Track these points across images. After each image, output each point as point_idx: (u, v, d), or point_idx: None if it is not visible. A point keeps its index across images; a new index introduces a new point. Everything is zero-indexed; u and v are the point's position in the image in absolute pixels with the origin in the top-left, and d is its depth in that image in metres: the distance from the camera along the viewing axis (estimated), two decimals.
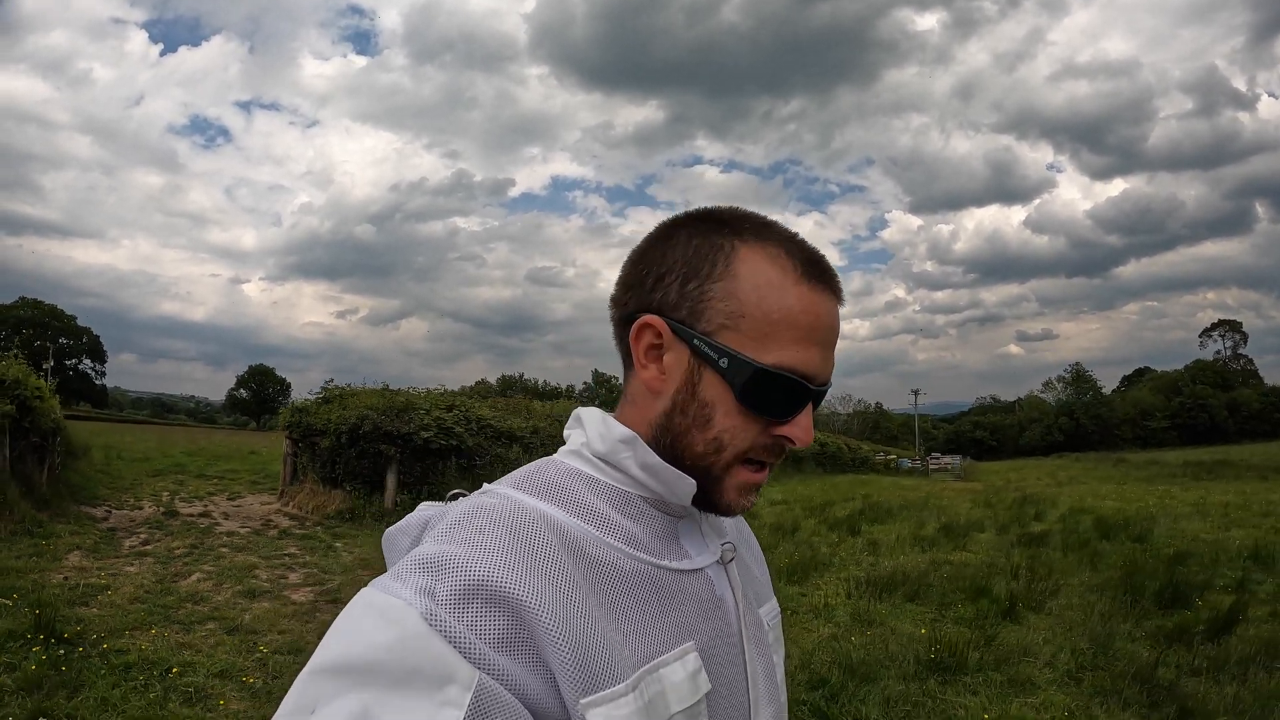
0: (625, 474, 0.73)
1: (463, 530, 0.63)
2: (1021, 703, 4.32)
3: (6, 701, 3.72)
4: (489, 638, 0.57)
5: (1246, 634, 5.24)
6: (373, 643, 0.54)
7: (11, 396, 8.89)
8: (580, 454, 0.75)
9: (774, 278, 0.69)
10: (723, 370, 0.68)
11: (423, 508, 0.73)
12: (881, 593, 6.80)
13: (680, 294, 0.71)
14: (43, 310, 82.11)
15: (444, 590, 0.58)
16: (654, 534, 0.73)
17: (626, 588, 0.67)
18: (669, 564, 0.72)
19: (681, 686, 0.66)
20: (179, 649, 4.79)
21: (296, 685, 0.55)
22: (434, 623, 0.56)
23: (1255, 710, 3.96)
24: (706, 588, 0.74)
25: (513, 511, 0.65)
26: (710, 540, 0.79)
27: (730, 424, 0.70)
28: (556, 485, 0.71)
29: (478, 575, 0.59)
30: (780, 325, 0.69)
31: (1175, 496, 16.55)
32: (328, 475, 11.99)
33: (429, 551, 0.61)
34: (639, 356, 0.73)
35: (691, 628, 0.70)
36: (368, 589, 0.59)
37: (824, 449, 33.95)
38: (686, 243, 0.72)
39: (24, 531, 8.06)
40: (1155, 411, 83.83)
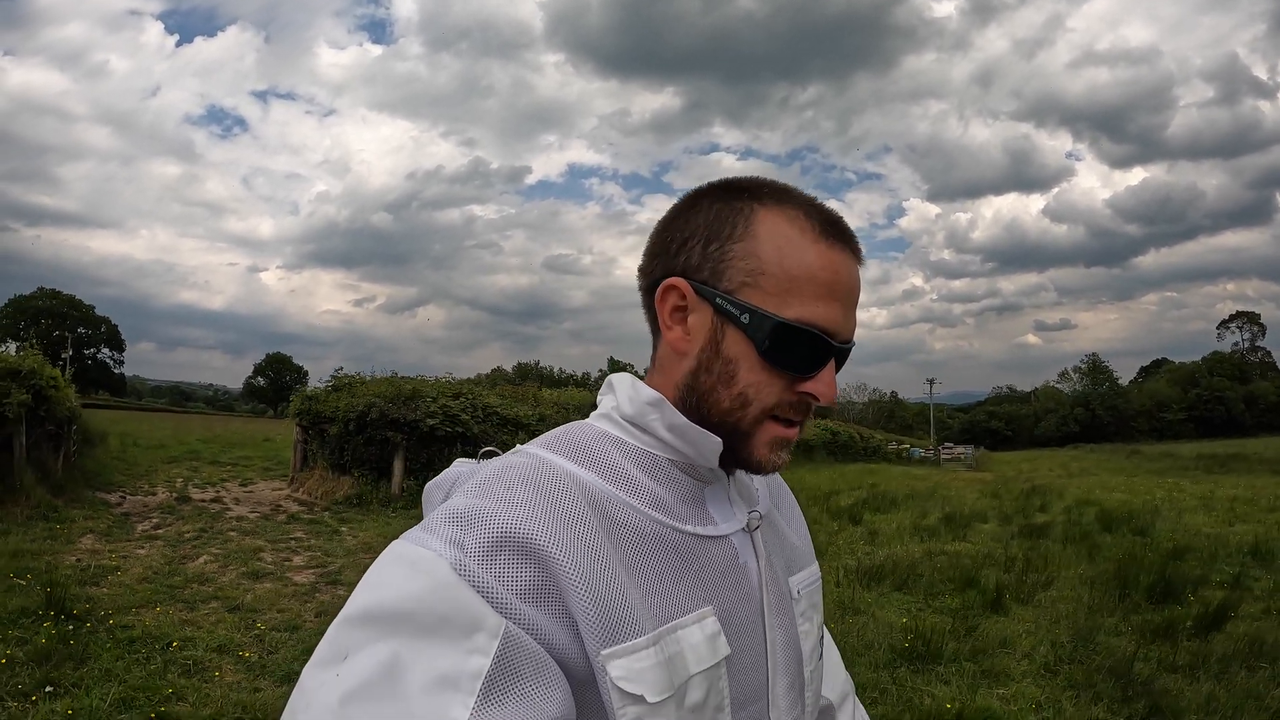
0: (653, 436, 0.75)
1: (492, 486, 0.65)
2: (991, 693, 4.34)
3: (17, 672, 3.91)
4: (516, 588, 0.59)
5: (1236, 631, 5.22)
6: (403, 592, 0.57)
7: (27, 386, 9.10)
8: (610, 417, 0.77)
9: (793, 236, 0.72)
10: (744, 326, 0.70)
11: (457, 464, 0.76)
12: (870, 581, 6.84)
13: (703, 255, 0.73)
14: (61, 300, 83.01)
15: (472, 541, 0.60)
16: (680, 498, 0.74)
17: (648, 549, 0.69)
18: (691, 529, 0.73)
19: (700, 648, 0.67)
20: (181, 625, 4.98)
21: (330, 633, 0.57)
22: (463, 572, 0.58)
23: (1228, 709, 3.94)
24: (730, 554, 0.75)
25: (541, 470, 0.68)
26: (738, 507, 0.80)
27: (754, 379, 0.71)
28: (585, 447, 0.73)
29: (505, 527, 0.61)
30: (800, 281, 0.70)
31: (1184, 490, 16.43)
32: (336, 462, 12.21)
33: (459, 505, 0.63)
34: (664, 318, 0.75)
35: (711, 593, 0.71)
36: (399, 541, 0.62)
37: (835, 438, 33.91)
38: (708, 209, 0.75)
39: (39, 516, 8.30)
40: (1171, 403, 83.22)
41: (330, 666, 0.55)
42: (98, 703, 3.62)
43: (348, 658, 0.55)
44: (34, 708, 3.54)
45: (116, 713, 3.57)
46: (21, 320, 77.07)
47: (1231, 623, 5.44)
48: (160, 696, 3.76)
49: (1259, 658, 4.69)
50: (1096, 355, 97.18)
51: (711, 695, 0.67)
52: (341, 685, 0.53)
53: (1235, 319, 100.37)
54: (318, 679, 0.55)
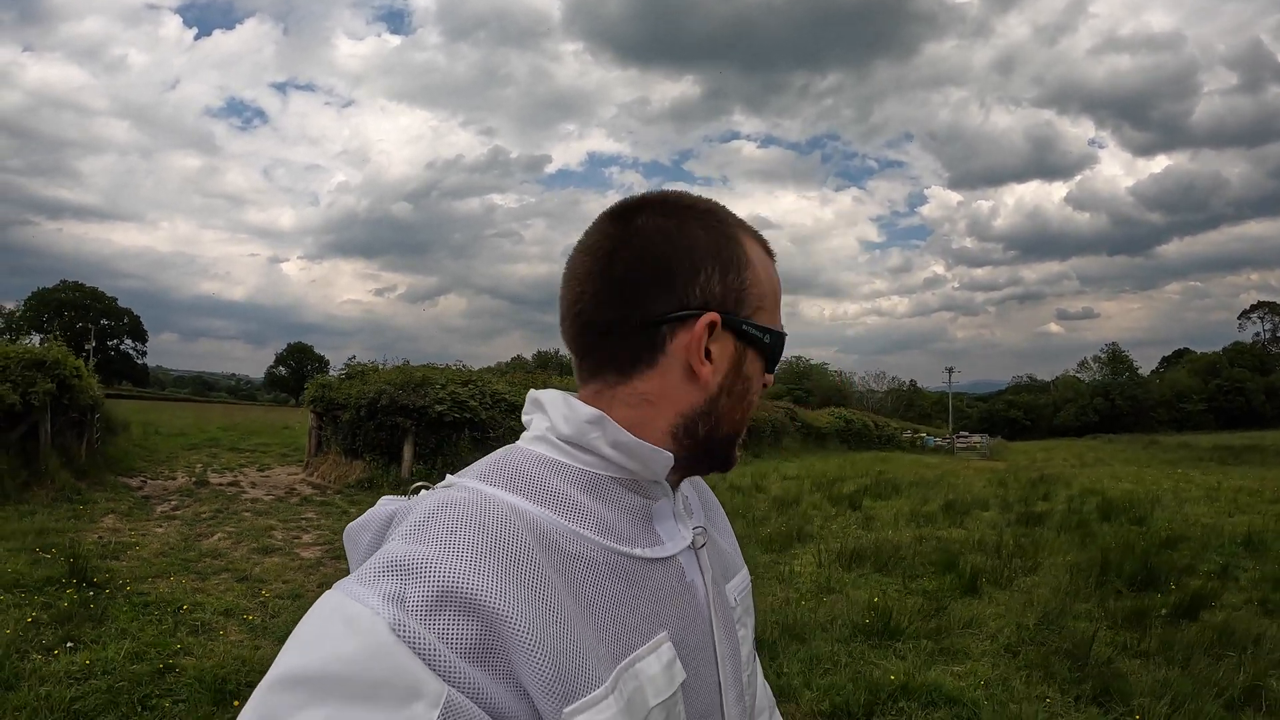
0: (596, 455, 0.71)
1: (431, 529, 0.60)
2: (945, 670, 4.44)
3: (42, 630, 4.37)
4: (460, 647, 0.55)
5: (1213, 620, 5.27)
6: (337, 653, 0.52)
7: (52, 376, 9.54)
8: (545, 439, 0.73)
9: (765, 258, 0.78)
10: (764, 346, 0.76)
11: (384, 501, 0.70)
12: (851, 563, 6.99)
13: (724, 286, 0.73)
14: (84, 292, 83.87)
15: (414, 596, 0.55)
16: (627, 518, 0.71)
17: (600, 581, 0.66)
18: (641, 552, 0.71)
19: (658, 679, 0.66)
20: (192, 593, 5.39)
21: (256, 695, 0.52)
22: (402, 633, 0.53)
23: (1182, 695, 3.98)
24: (678, 575, 0.74)
25: (482, 507, 0.62)
26: (682, 523, 0.78)
27: (756, 388, 0.77)
28: (524, 474, 0.69)
29: (449, 580, 0.56)
30: (776, 297, 0.78)
31: (1192, 480, 16.44)
32: (349, 447, 12.59)
33: (397, 552, 0.58)
34: (699, 354, 0.71)
35: (664, 617, 0.70)
36: (333, 592, 0.57)
37: (849, 426, 33.97)
38: (702, 237, 0.73)
39: (63, 498, 8.76)
40: (1191, 394, 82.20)
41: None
42: (113, 655, 4.01)
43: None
44: (56, 659, 3.95)
45: (129, 664, 3.95)
46: (45, 313, 77.93)
47: (1208, 612, 5.50)
48: (169, 651, 4.16)
49: (1228, 647, 4.73)
50: (1116, 345, 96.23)
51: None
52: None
53: (1257, 309, 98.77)
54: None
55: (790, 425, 27.02)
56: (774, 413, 25.98)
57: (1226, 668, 4.36)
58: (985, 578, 6.47)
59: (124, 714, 3.46)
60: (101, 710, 3.46)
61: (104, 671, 3.83)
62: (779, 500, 11.77)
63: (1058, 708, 3.95)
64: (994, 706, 3.87)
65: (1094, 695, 4.06)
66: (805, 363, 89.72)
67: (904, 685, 4.09)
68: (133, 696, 3.59)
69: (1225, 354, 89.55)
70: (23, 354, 9.48)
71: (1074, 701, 4.02)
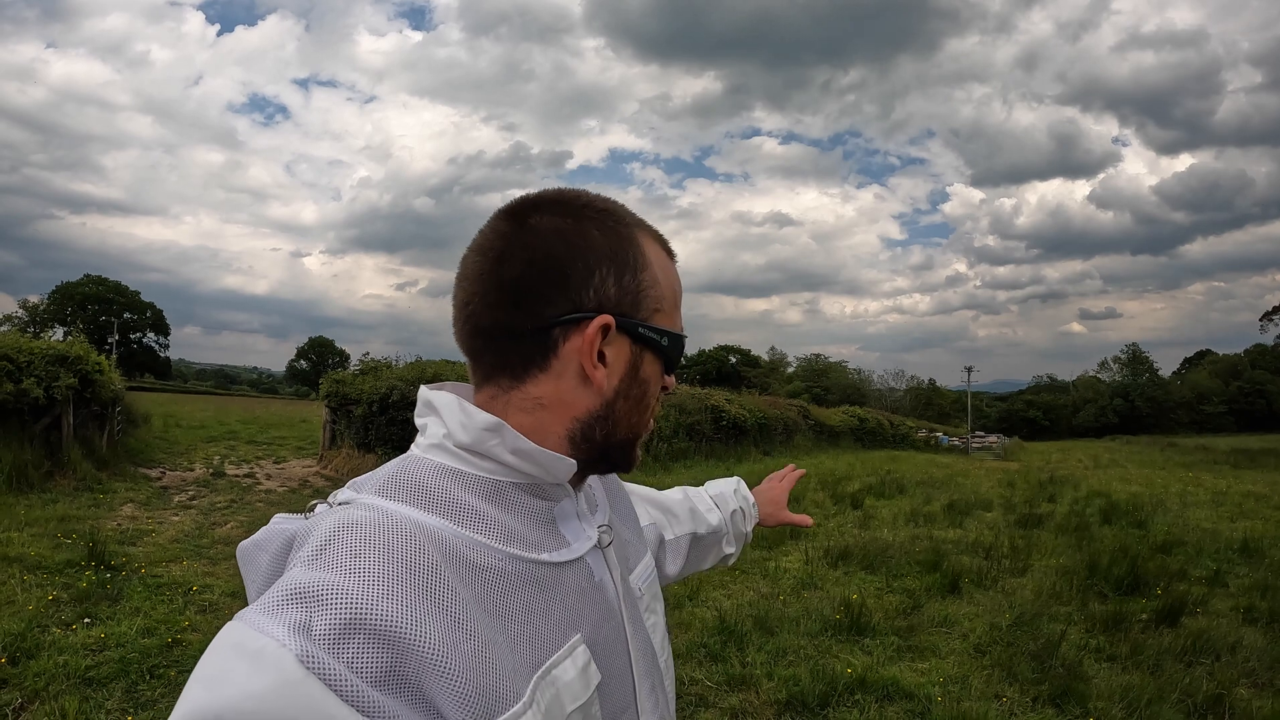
0: (496, 462, 0.70)
1: (335, 552, 0.58)
2: (907, 666, 4.54)
3: (62, 608, 4.74)
4: (370, 675, 0.54)
5: (1194, 625, 5.26)
6: (244, 692, 0.50)
7: (74, 371, 9.94)
8: (443, 447, 0.71)
9: (664, 259, 0.77)
10: (662, 349, 0.75)
11: (278, 519, 0.68)
12: (838, 561, 7.10)
13: (619, 288, 0.71)
14: (107, 286, 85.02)
15: (320, 625, 0.53)
16: (531, 523, 0.71)
17: (509, 591, 0.65)
18: (548, 557, 0.70)
19: (574, 685, 0.66)
20: (203, 576, 5.74)
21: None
22: (310, 665, 0.51)
23: (1145, 699, 4.01)
24: (587, 575, 0.74)
25: (385, 526, 0.61)
26: (586, 521, 0.78)
27: (655, 389, 0.76)
28: (424, 486, 0.67)
29: (356, 607, 0.54)
30: (674, 298, 0.78)
31: (1202, 483, 16.29)
32: (362, 440, 12.95)
33: (300, 580, 0.56)
34: (591, 357, 0.70)
35: (576, 620, 0.70)
36: (235, 624, 0.55)
37: (862, 424, 33.85)
38: (596, 237, 0.72)
39: (85, 488, 9.16)
40: (1212, 396, 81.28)
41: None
42: (126, 630, 4.35)
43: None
44: (73, 633, 4.29)
45: (140, 638, 4.27)
46: (69, 306, 79.04)
47: (1190, 618, 5.50)
48: (178, 627, 4.49)
49: (1203, 654, 4.76)
50: (1136, 345, 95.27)
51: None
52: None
53: (1278, 310, 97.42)
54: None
55: (803, 423, 27.04)
56: (787, 411, 26.04)
57: (1196, 675, 4.38)
58: (969, 578, 6.54)
59: (133, 682, 3.76)
60: (113, 678, 3.77)
61: (117, 644, 4.15)
62: None
63: (1014, 707, 4.01)
64: (948, 703, 3.95)
65: (1052, 696, 4.12)
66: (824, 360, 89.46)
67: (862, 679, 4.21)
68: (142, 667, 3.91)
69: (1247, 355, 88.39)
70: (46, 350, 9.85)
71: (1031, 702, 4.09)
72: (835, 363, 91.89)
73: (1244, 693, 4.18)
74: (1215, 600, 6.10)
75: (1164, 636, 5.07)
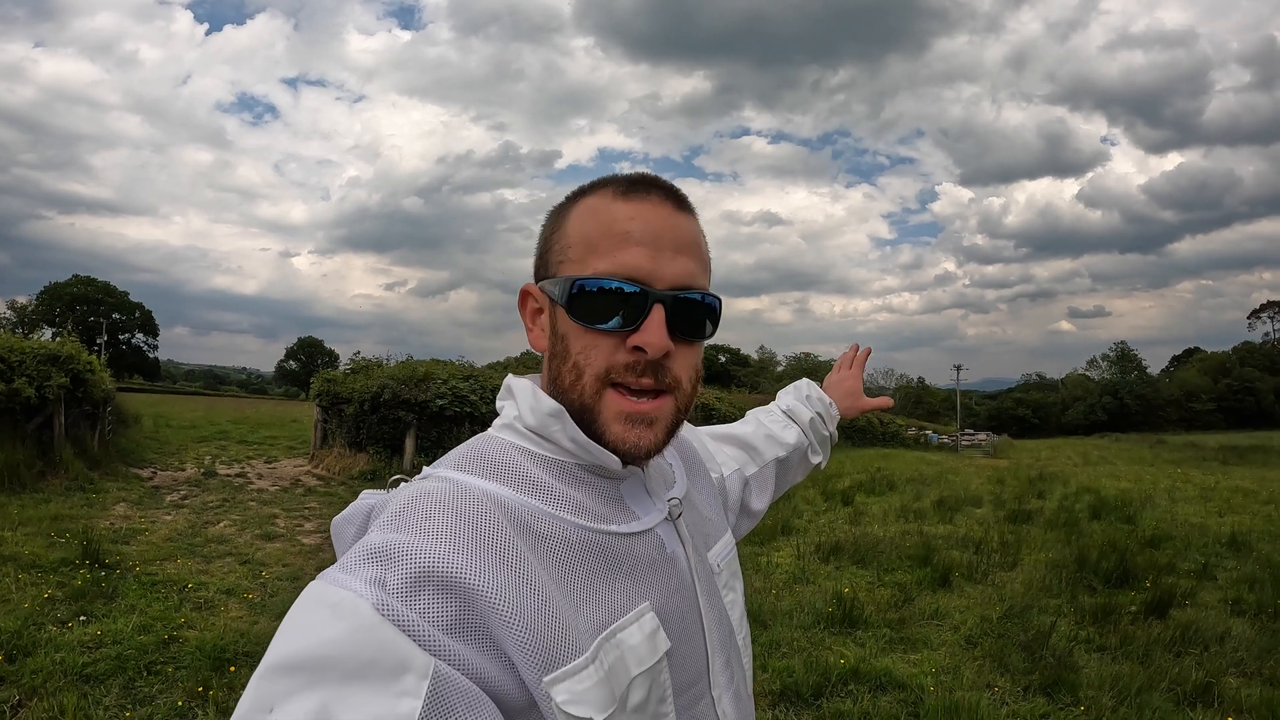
0: (558, 445, 0.74)
1: (409, 516, 0.63)
2: (899, 658, 4.59)
3: (57, 606, 4.74)
4: (442, 624, 0.58)
5: (1182, 617, 5.30)
6: (325, 637, 0.54)
7: (65, 370, 9.90)
8: (514, 428, 0.76)
9: (598, 206, 0.74)
10: (556, 297, 0.73)
11: (365, 495, 0.73)
12: (829, 556, 7.16)
13: (541, 260, 0.78)
14: (96, 287, 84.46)
15: (394, 579, 0.58)
16: (599, 499, 0.74)
17: (576, 557, 0.68)
18: (616, 528, 0.73)
19: (640, 649, 0.68)
20: (197, 574, 5.74)
21: (252, 685, 0.54)
22: (386, 612, 0.56)
23: (1134, 688, 4.04)
24: (657, 547, 0.76)
25: (457, 493, 0.66)
26: (657, 497, 0.80)
27: (580, 345, 0.72)
28: (496, 461, 0.72)
29: (428, 561, 0.59)
30: (600, 240, 0.72)
31: (1190, 480, 16.47)
32: (353, 440, 12.93)
33: (376, 541, 0.61)
34: (525, 322, 0.79)
35: (646, 589, 0.72)
36: (316, 582, 0.59)
37: (852, 422, 33.90)
38: (547, 222, 0.80)
39: (77, 487, 9.11)
40: (1201, 393, 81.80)
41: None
42: (122, 627, 4.35)
43: (274, 710, 0.52)
44: (69, 631, 4.29)
45: (136, 635, 4.28)
46: (57, 307, 78.46)
47: (1178, 610, 5.55)
48: (174, 624, 4.49)
49: (1191, 644, 4.80)
50: (1125, 343, 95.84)
51: (654, 691, 0.69)
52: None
53: (1266, 308, 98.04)
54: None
55: None
56: None
57: (1185, 665, 4.42)
58: (959, 572, 6.61)
59: (130, 678, 3.76)
60: (110, 675, 3.77)
61: (113, 641, 4.16)
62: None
63: (1005, 696, 4.08)
64: (940, 693, 4.00)
65: (1043, 686, 4.16)
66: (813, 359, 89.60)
67: (855, 670, 4.26)
68: (139, 663, 3.91)
69: (1235, 353, 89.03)
70: (38, 349, 9.80)
71: (1023, 692, 4.13)
72: (825, 362, 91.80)
73: (1233, 681, 4.24)
74: (1203, 593, 6.18)
75: (1153, 628, 5.11)
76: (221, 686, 3.68)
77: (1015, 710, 3.91)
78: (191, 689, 3.64)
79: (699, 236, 0.77)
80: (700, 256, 0.77)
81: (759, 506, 1.17)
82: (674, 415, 0.75)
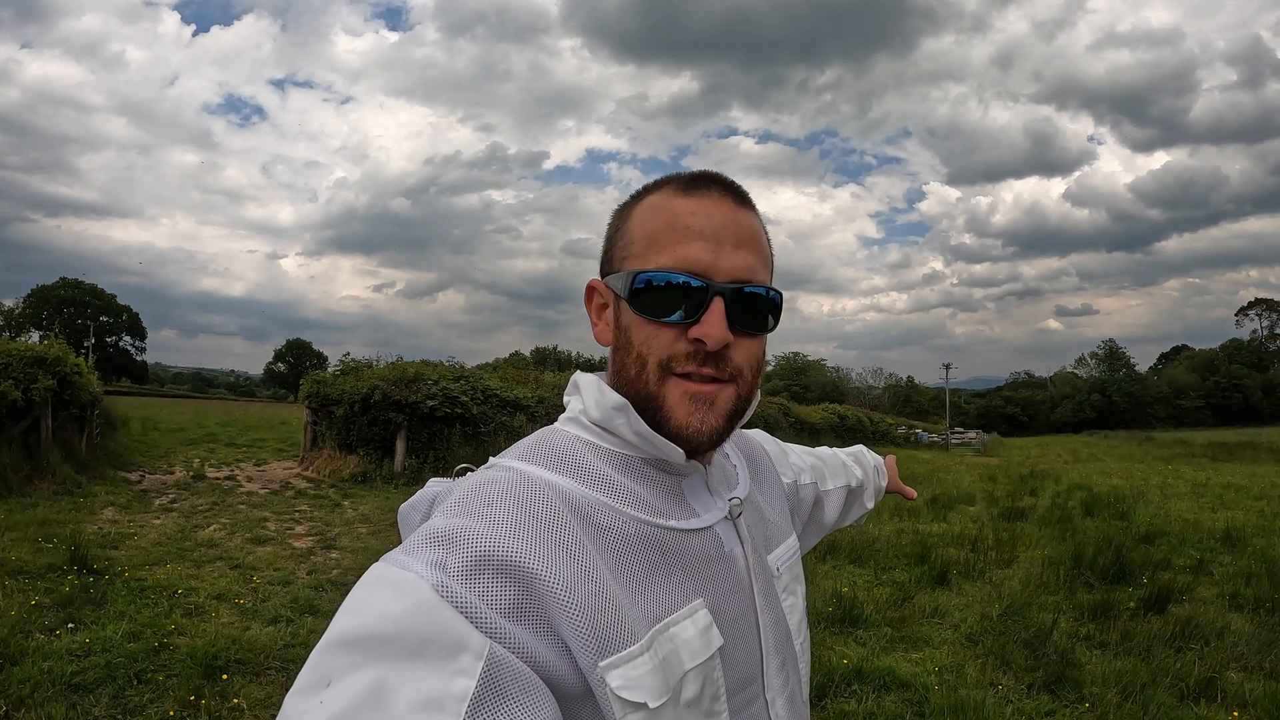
0: (622, 438, 0.75)
1: (471, 503, 0.65)
2: (901, 657, 4.55)
3: (45, 613, 4.61)
4: (500, 607, 0.59)
5: (1180, 613, 5.30)
6: (385, 615, 0.56)
7: (52, 373, 9.78)
8: (579, 421, 0.78)
9: (660, 203, 0.76)
10: (623, 292, 0.75)
11: (432, 483, 0.77)
12: (825, 555, 7.11)
13: (606, 256, 0.80)
14: (83, 289, 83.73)
15: (454, 562, 0.60)
16: (660, 494, 0.75)
17: (634, 551, 0.69)
18: (675, 524, 0.74)
19: (693, 643, 0.68)
20: (187, 579, 5.62)
21: (312, 659, 0.56)
22: (445, 594, 0.57)
23: (1137, 684, 4.03)
24: (715, 545, 0.76)
25: (519, 483, 0.68)
26: (719, 495, 0.81)
27: (643, 336, 0.73)
28: (561, 453, 0.74)
29: (487, 546, 0.61)
30: (662, 235, 0.74)
31: (1182, 476, 16.55)
32: (343, 441, 12.80)
33: (438, 525, 0.63)
34: (591, 316, 0.81)
35: (701, 586, 0.72)
36: (379, 563, 0.61)
37: (843, 421, 34.13)
38: (612, 220, 0.82)
39: (64, 491, 8.99)
40: (1189, 390, 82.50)
41: (314, 693, 0.53)
42: (111, 634, 4.25)
43: (331, 683, 0.53)
44: (57, 638, 4.18)
45: (126, 642, 4.17)
46: (44, 310, 77.85)
47: (1176, 605, 5.54)
48: (164, 631, 4.38)
49: (1191, 639, 4.79)
50: (1113, 341, 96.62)
51: (707, 687, 0.69)
52: (326, 712, 0.52)
53: (1254, 305, 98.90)
54: (301, 705, 0.53)
55: (783, 420, 27.23)
56: (767, 408, 26.19)
57: (1186, 660, 4.41)
58: (956, 570, 6.59)
59: (120, 687, 3.66)
60: (99, 684, 3.67)
61: (103, 649, 4.05)
62: None
63: (1009, 694, 4.05)
64: (944, 691, 3.97)
65: (1047, 683, 4.14)
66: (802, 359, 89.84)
67: (858, 670, 4.23)
68: (129, 671, 3.81)
69: (1223, 350, 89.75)
70: (24, 351, 9.68)
71: (1026, 689, 4.10)
72: (814, 361, 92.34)
73: (1234, 676, 4.23)
74: (1200, 588, 6.17)
75: (1153, 623, 5.10)
76: (213, 695, 3.60)
77: (1021, 708, 3.88)
78: (183, 698, 3.55)
79: (760, 231, 0.78)
80: (761, 251, 0.77)
81: (829, 520, 1.19)
82: (735, 403, 0.75)
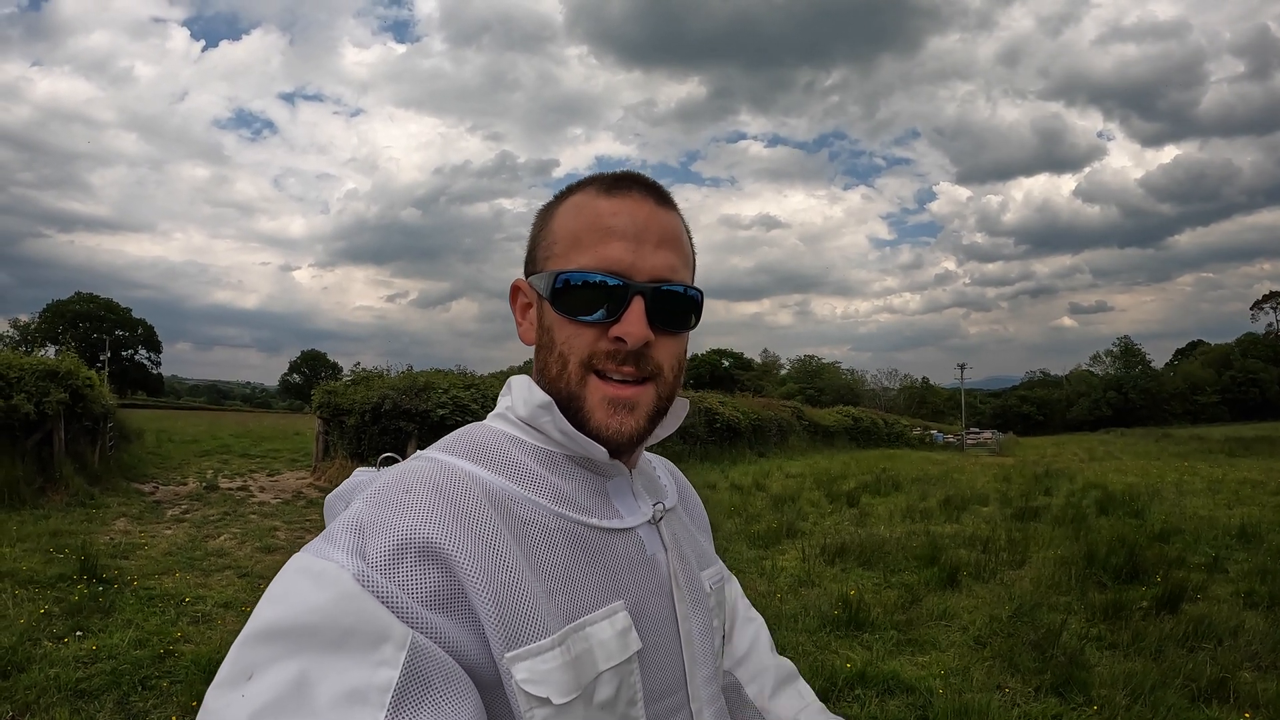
0: (548, 436, 0.76)
1: (390, 492, 0.65)
2: (907, 660, 4.51)
3: (54, 621, 4.68)
4: (420, 596, 0.59)
5: (1194, 612, 5.21)
6: (306, 606, 0.55)
7: (65, 386, 9.88)
8: (506, 417, 0.79)
9: (581, 203, 0.77)
10: (543, 291, 0.76)
11: (357, 473, 0.78)
12: (835, 558, 7.07)
13: (530, 256, 0.80)
14: (98, 304, 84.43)
15: (374, 550, 0.60)
16: (584, 491, 0.75)
17: (554, 545, 0.69)
18: (597, 522, 0.74)
19: (610, 644, 0.68)
20: (195, 587, 5.68)
21: (232, 652, 0.55)
22: (366, 583, 0.57)
23: (1148, 685, 3.96)
24: (637, 547, 0.76)
25: (440, 472, 0.68)
26: (643, 500, 0.81)
27: (565, 335, 0.74)
28: (485, 447, 0.74)
29: (406, 533, 0.61)
30: (584, 235, 0.74)
31: (1198, 473, 16.34)
32: (355, 451, 12.87)
33: (358, 513, 0.63)
34: (515, 316, 0.82)
35: (621, 587, 0.72)
36: (300, 554, 0.61)
37: (857, 423, 33.97)
38: (536, 220, 0.82)
39: (77, 503, 9.07)
40: (1205, 386, 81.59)
41: (235, 687, 0.53)
42: (118, 642, 4.30)
43: (253, 677, 0.53)
44: (65, 646, 4.23)
45: (132, 650, 4.22)
46: (60, 324, 78.50)
47: (1190, 604, 5.45)
48: (170, 639, 4.43)
49: (1204, 639, 4.71)
50: (1128, 338, 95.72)
51: (623, 690, 0.68)
52: (248, 706, 0.52)
53: (1269, 299, 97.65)
54: (223, 700, 0.53)
55: (797, 424, 27.07)
56: (780, 412, 26.08)
57: (1198, 660, 4.34)
58: (967, 571, 6.52)
59: (125, 693, 3.71)
60: (105, 690, 3.72)
61: (109, 656, 4.10)
62: (778, 498, 11.81)
63: (1016, 697, 3.99)
64: (949, 695, 3.92)
65: (1054, 686, 4.09)
66: (816, 362, 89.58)
67: (862, 673, 4.19)
68: (134, 678, 3.85)
69: (1238, 345, 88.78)
70: (37, 365, 9.78)
71: (1034, 692, 4.06)
72: (828, 363, 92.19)
73: (1248, 676, 4.16)
74: (1215, 586, 6.09)
75: (1165, 623, 5.03)
76: None
77: (1027, 711, 3.83)
78: (186, 704, 3.58)
79: (681, 231, 0.79)
80: (682, 250, 0.78)
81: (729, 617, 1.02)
82: (656, 403, 0.76)
